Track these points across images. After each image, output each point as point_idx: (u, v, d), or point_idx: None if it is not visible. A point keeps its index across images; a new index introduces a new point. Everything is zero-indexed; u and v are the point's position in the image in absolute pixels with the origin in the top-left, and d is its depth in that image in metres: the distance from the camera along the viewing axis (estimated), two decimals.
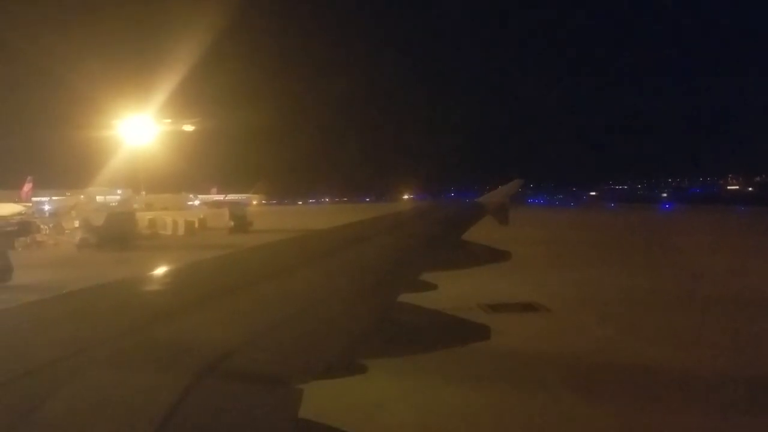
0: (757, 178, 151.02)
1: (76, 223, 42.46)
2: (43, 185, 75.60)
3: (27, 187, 61.70)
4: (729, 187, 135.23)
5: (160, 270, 2.79)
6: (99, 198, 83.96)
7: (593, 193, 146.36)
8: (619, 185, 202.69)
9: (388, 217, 5.99)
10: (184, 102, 70.52)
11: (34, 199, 65.12)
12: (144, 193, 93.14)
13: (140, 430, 1.04)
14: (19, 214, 56.82)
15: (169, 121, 64.56)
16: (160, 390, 1.21)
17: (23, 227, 35.54)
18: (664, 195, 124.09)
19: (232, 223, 39.76)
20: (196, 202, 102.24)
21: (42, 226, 39.13)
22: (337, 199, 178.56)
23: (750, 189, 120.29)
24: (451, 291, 16.29)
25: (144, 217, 43.06)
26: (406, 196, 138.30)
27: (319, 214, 71.53)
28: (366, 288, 2.45)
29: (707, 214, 54.34)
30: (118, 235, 28.53)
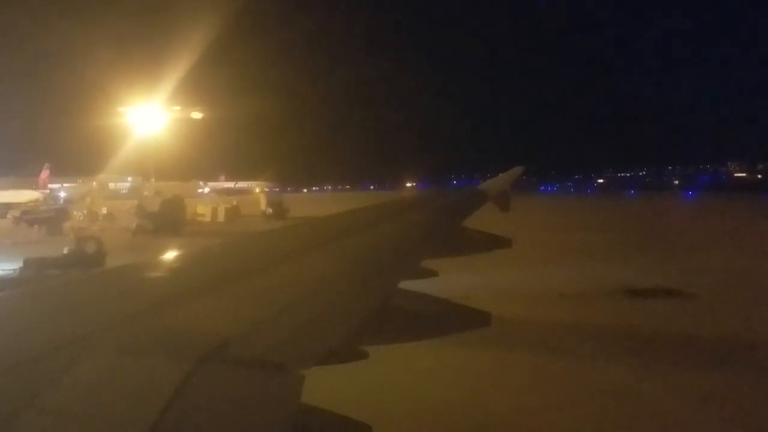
0: (760, 166, 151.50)
1: (104, 210, 42.29)
2: (53, 172, 74.30)
3: (44, 174, 60.60)
4: (736, 175, 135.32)
5: (165, 255, 2.83)
6: (111, 185, 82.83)
7: (601, 181, 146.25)
8: (620, 173, 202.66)
9: (389, 204, 5.96)
10: (191, 90, 69.22)
11: (50, 186, 63.97)
12: (153, 180, 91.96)
13: (143, 414, 1.04)
14: (35, 201, 56.01)
15: (179, 108, 63.63)
16: (162, 376, 1.20)
17: (60, 214, 34.90)
18: (676, 182, 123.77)
19: (270, 210, 40.33)
20: (206, 190, 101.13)
21: (75, 213, 38.41)
22: (339, 187, 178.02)
23: (759, 176, 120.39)
24: (591, 276, 16.33)
25: None
26: (409, 184, 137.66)
27: (337, 201, 71.10)
28: (367, 275, 2.42)
29: (744, 201, 53.89)
30: (171, 221, 28.04)
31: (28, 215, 32.59)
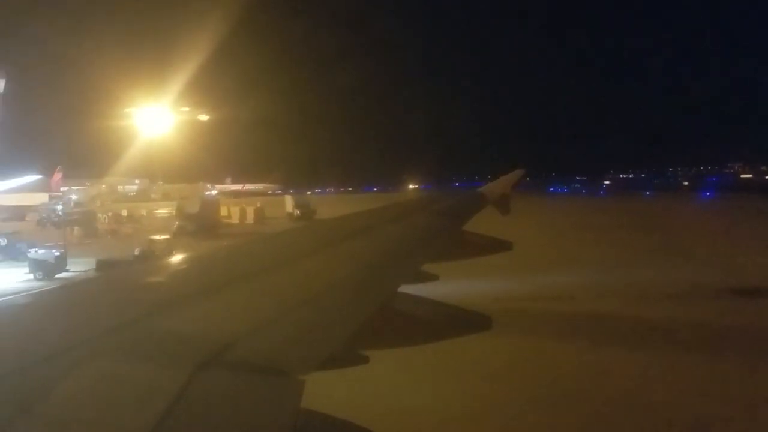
0: (763, 167, 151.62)
1: (124, 212, 42.15)
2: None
3: (57, 176, 59.67)
4: (742, 176, 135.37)
5: (166, 259, 2.63)
6: (119, 188, 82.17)
7: (607, 182, 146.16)
8: (621, 174, 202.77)
9: (390, 207, 6.00)
10: (196, 93, 68.57)
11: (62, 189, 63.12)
12: (161, 182, 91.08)
13: (142, 420, 1.04)
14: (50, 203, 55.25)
15: (187, 109, 63.08)
16: (164, 380, 1.20)
17: (88, 216, 34.53)
18: (686, 183, 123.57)
19: (298, 212, 40.46)
20: (213, 192, 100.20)
21: (100, 215, 38.16)
22: (342, 189, 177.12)
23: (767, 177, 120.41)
24: (680, 276, 16.23)
25: None
26: (411, 186, 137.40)
27: (351, 202, 70.90)
28: (367, 279, 2.40)
29: (765, 201, 53.50)
30: (210, 222, 27.47)
31: (56, 217, 31.99)
